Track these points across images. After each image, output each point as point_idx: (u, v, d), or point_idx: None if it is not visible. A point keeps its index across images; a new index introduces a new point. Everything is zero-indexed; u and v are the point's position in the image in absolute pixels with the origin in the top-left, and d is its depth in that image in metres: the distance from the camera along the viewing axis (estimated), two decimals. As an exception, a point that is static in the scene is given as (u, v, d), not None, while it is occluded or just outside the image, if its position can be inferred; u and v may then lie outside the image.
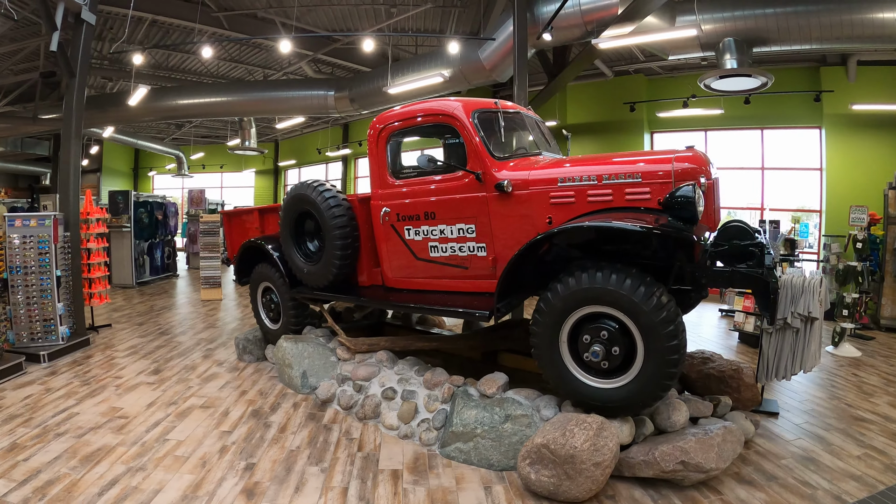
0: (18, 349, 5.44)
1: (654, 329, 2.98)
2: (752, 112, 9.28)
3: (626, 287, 3.02)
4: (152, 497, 2.96)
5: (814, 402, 4.63)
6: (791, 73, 9.05)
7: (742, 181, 10.06)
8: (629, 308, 3.04)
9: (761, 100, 9.09)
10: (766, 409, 4.31)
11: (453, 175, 3.98)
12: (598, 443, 2.91)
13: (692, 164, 3.29)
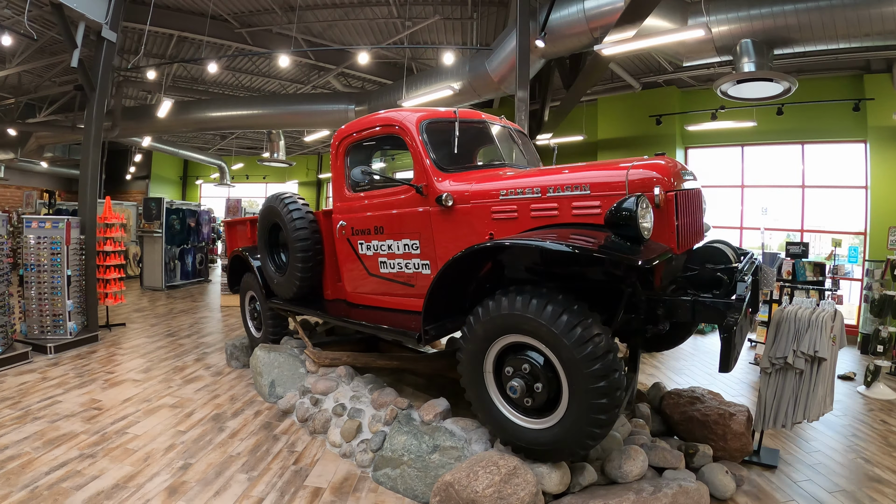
0: (29, 340, 6.20)
1: (577, 366, 2.71)
2: (790, 125, 8.94)
3: (545, 315, 2.77)
4: (88, 482, 3.37)
5: (825, 454, 4.16)
6: (832, 83, 8.66)
7: (781, 200, 9.66)
8: (549, 340, 2.80)
9: (799, 112, 8.76)
10: (761, 461, 3.90)
11: (399, 188, 4.04)
12: (503, 490, 2.71)
13: (654, 173, 2.97)
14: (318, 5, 8.80)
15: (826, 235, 9.08)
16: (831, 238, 8.73)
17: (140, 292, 11.92)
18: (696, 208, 3.39)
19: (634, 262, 2.51)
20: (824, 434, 4.54)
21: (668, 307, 3.06)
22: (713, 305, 2.93)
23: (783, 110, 8.65)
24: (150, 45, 9.93)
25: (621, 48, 6.01)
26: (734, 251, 3.78)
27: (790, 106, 8.80)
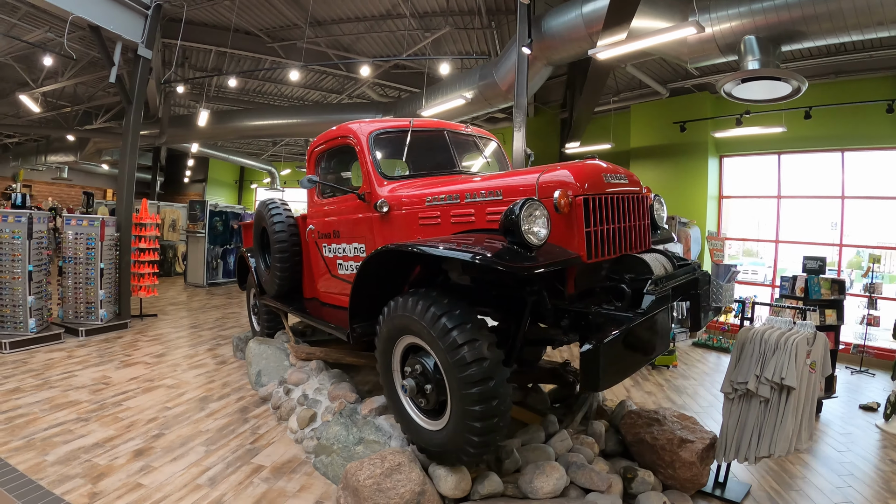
0: (63, 323, 7.32)
1: (452, 370, 2.82)
2: (827, 131, 8.70)
3: (426, 318, 2.91)
4: (75, 439, 4.14)
5: (805, 494, 3.87)
6: (869, 84, 8.36)
7: (820, 212, 9.38)
8: (430, 342, 2.94)
9: (836, 117, 8.52)
10: (723, 496, 3.71)
11: (349, 196, 4.46)
12: (383, 483, 2.93)
13: (564, 177, 3.04)
14: (343, 20, 9.60)
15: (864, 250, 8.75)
16: (868, 253, 8.45)
17: (183, 288, 13.22)
18: (633, 214, 3.34)
19: (504, 268, 2.61)
20: (815, 470, 4.31)
21: (571, 317, 3.05)
22: (610, 316, 2.85)
23: (811, 114, 8.47)
24: (192, 58, 11.17)
25: (615, 51, 6.15)
26: (673, 261, 3.54)
27: (827, 111, 8.61)
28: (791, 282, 6.52)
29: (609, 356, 2.59)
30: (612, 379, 2.74)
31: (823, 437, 5.07)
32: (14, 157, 20.01)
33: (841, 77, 8.54)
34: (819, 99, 8.59)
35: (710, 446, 3.69)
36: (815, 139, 9.02)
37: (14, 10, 7.97)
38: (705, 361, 8.00)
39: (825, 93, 8.68)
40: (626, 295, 2.96)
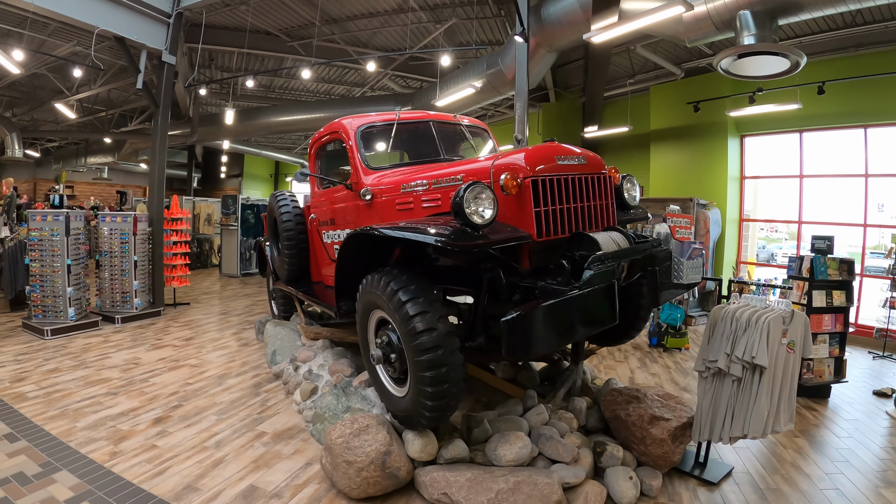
0: (101, 312, 8.03)
1: (407, 339, 3.08)
2: (850, 107, 8.47)
3: (386, 293, 3.21)
4: (102, 409, 4.69)
5: (790, 479, 3.85)
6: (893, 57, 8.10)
7: (843, 191, 9.16)
8: (391, 315, 3.21)
9: (858, 91, 8.29)
10: (700, 475, 3.77)
11: (340, 186, 4.88)
12: (351, 442, 3.27)
13: (515, 161, 3.23)
14: (356, 16, 9.97)
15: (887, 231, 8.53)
16: (892, 234, 8.25)
17: (218, 278, 14.00)
18: (592, 193, 3.47)
19: (442, 246, 2.88)
20: (808, 455, 4.26)
21: (521, 292, 3.22)
22: (550, 291, 2.98)
23: (830, 89, 8.29)
24: (218, 59, 11.80)
25: (609, 34, 6.26)
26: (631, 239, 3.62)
27: (848, 87, 8.41)
28: (798, 262, 6.41)
29: (528, 327, 2.74)
30: (541, 347, 2.86)
31: (826, 423, 4.99)
32: (56, 160, 21.51)
33: (861, 50, 8.32)
34: (840, 73, 8.39)
35: (686, 425, 3.78)
36: (837, 115, 8.80)
37: (45, 26, 8.64)
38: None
39: (846, 67, 8.47)
40: (566, 270, 3.12)
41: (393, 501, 3.38)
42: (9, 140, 14.31)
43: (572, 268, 3.13)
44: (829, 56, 8.72)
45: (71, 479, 3.48)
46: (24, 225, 8.30)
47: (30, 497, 3.23)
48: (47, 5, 6.65)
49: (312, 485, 3.55)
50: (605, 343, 4.95)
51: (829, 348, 5.82)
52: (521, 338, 2.75)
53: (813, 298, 5.82)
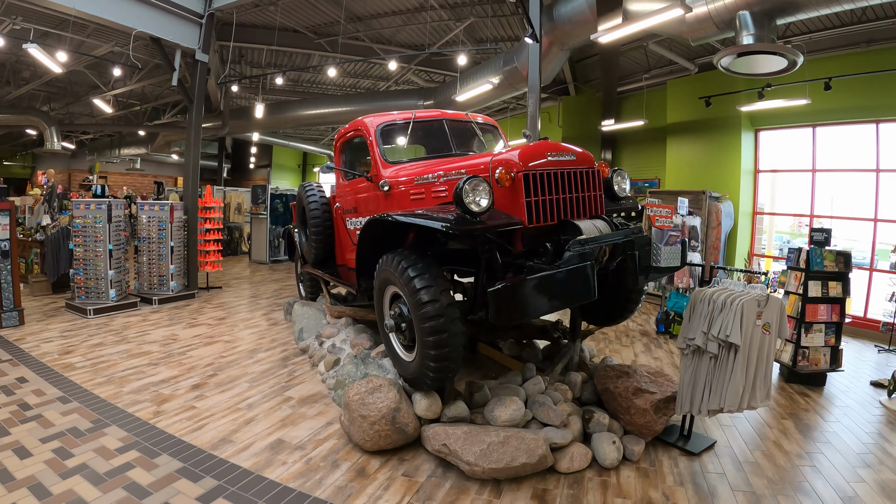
0: (140, 294, 8.68)
1: (414, 310, 3.56)
2: (863, 102, 8.57)
3: (398, 270, 3.68)
4: (146, 377, 5.26)
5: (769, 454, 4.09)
6: None
7: (855, 186, 9.27)
8: (402, 289, 3.67)
9: (870, 86, 8.39)
10: (684, 446, 4.09)
11: (361, 178, 5.40)
12: (366, 399, 3.77)
13: (516, 157, 3.65)
14: (380, 14, 10.40)
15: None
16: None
17: (248, 265, 14.68)
18: (580, 186, 3.87)
19: (445, 230, 3.30)
20: (792, 435, 4.48)
21: (514, 270, 3.63)
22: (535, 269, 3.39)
23: (841, 84, 8.40)
24: (248, 56, 12.38)
25: (615, 34, 6.57)
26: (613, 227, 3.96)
27: (861, 82, 8.51)
28: (797, 253, 6.60)
29: (511, 297, 3.20)
30: (519, 315, 3.30)
31: (816, 408, 5.17)
32: (90, 151, 22.60)
33: (872, 46, 8.42)
34: (851, 69, 8.50)
35: (670, 399, 4.11)
36: (849, 110, 8.89)
37: (84, 27, 9.23)
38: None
39: (857, 62, 8.57)
40: (548, 252, 3.55)
41: (402, 454, 3.85)
42: (48, 133, 15.14)
43: (555, 250, 3.55)
44: (841, 52, 8.82)
45: (120, 432, 4.03)
46: (66, 213, 9.02)
47: (84, 447, 3.78)
48: (88, 9, 7.23)
49: (332, 440, 4.04)
50: (601, 323, 5.36)
51: (826, 337, 6.00)
52: (504, 305, 3.21)
53: (808, 288, 6.03)
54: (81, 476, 3.37)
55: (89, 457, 3.63)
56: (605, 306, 5.09)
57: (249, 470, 3.55)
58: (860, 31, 8.31)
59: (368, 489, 3.38)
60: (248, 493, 3.27)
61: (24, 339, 6.39)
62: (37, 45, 7.24)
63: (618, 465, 3.81)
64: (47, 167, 21.17)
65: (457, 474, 3.59)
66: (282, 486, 3.37)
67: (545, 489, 3.47)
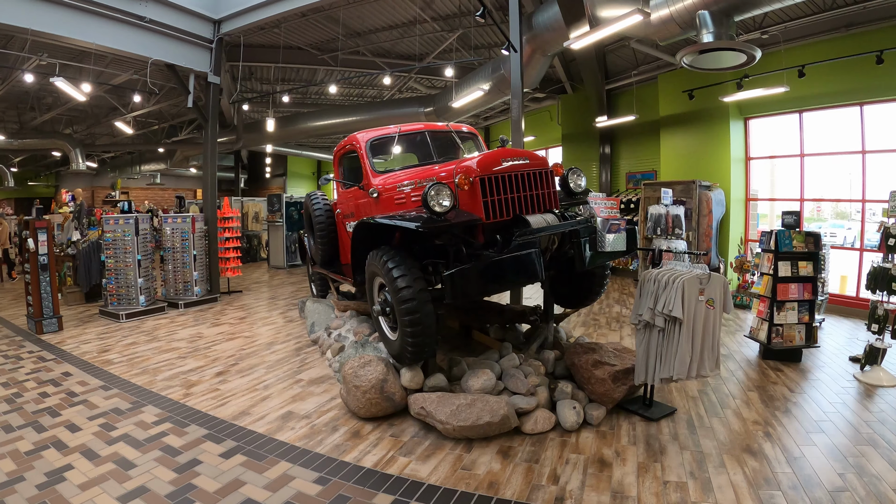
0: (166, 299, 9.57)
1: (392, 295, 4.21)
2: (846, 86, 8.86)
3: (379, 263, 4.36)
4: (175, 368, 6.07)
5: (725, 421, 4.47)
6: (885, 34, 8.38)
7: (841, 168, 9.62)
8: (383, 278, 4.33)
9: (854, 69, 8.71)
10: (644, 413, 4.55)
11: (355, 187, 6.13)
12: (358, 372, 4.50)
13: (474, 163, 4.28)
14: (378, 29, 11.17)
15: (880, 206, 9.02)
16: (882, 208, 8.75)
17: (266, 270, 15.56)
18: (534, 185, 4.46)
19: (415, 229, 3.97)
20: (752, 404, 4.85)
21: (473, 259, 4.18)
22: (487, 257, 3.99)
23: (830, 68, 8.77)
24: (257, 73, 13.28)
25: (585, 41, 7.13)
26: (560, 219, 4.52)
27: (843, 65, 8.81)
28: (768, 236, 6.96)
29: (460, 279, 3.87)
30: (471, 294, 3.97)
31: (787, 381, 5.49)
32: (111, 168, 23.97)
33: (853, 30, 8.76)
34: (833, 54, 8.83)
35: (629, 370, 4.60)
36: (833, 94, 9.18)
37: (103, 58, 10.07)
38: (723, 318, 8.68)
39: (838, 47, 8.87)
40: (499, 243, 4.19)
41: (392, 420, 4.57)
42: (73, 155, 16.25)
43: (506, 240, 4.18)
44: (821, 38, 9.18)
45: (155, 410, 4.84)
46: (94, 228, 9.95)
47: (125, 421, 4.58)
48: (108, 43, 8.12)
49: (333, 411, 4.78)
50: (572, 305, 6.05)
51: (799, 315, 6.34)
52: (457, 287, 3.89)
53: (778, 268, 6.41)
54: (124, 443, 4.16)
55: (130, 429, 4.43)
56: (571, 290, 5.73)
57: (263, 434, 4.30)
58: (839, 16, 8.61)
59: (360, 446, 4.09)
60: (262, 450, 4.01)
61: (64, 342, 7.28)
62: (63, 77, 8.14)
63: (578, 427, 4.33)
64: (71, 186, 22.63)
65: (436, 435, 4.26)
66: (289, 444, 4.11)
67: (510, 446, 4.05)
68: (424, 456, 3.94)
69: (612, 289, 11.42)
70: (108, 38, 7.93)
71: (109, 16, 7.95)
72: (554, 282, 5.94)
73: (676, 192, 10.53)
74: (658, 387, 4.92)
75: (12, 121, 15.62)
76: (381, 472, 3.68)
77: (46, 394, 5.28)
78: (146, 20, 8.31)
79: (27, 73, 8.72)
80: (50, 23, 7.29)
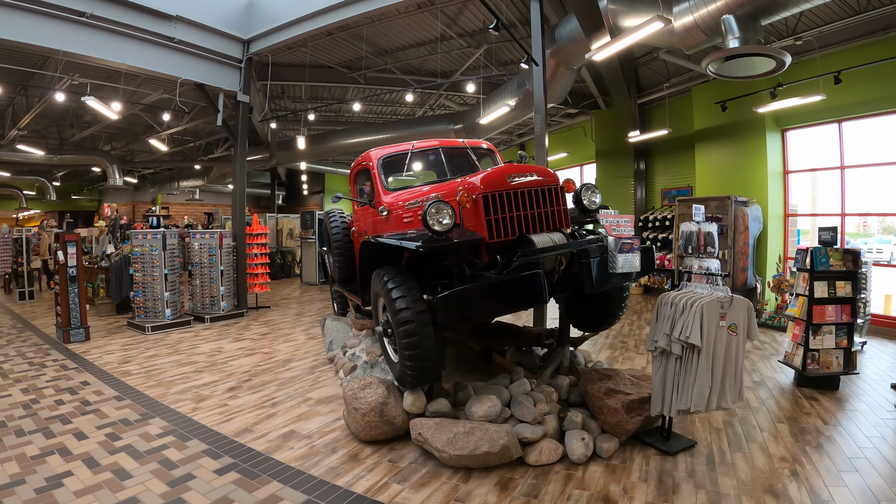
0: (193, 313, 9.75)
1: (392, 317, 4.06)
2: (885, 92, 8.42)
3: (381, 284, 4.25)
4: (190, 382, 6.13)
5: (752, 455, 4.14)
6: None
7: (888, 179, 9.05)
8: (384, 298, 4.19)
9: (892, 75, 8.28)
10: (661, 446, 4.24)
11: (367, 205, 6.11)
12: (358, 394, 4.39)
13: (478, 180, 4.15)
14: (405, 46, 11.27)
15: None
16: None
17: (298, 286, 15.76)
18: (542, 202, 4.30)
19: (411, 248, 3.90)
20: (781, 438, 4.49)
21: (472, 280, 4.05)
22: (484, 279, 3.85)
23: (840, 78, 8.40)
24: (289, 91, 13.58)
25: (607, 51, 6.92)
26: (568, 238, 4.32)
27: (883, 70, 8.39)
28: (803, 254, 6.54)
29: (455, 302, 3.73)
30: (465, 318, 3.84)
31: (821, 412, 5.11)
32: (151, 184, 24.95)
33: (891, 32, 8.27)
34: (870, 59, 8.39)
35: (645, 400, 4.29)
36: (874, 102, 8.71)
37: (135, 77, 10.46)
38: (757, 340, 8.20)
39: (876, 51, 8.45)
40: (499, 263, 4.00)
41: (393, 445, 4.44)
42: (110, 171, 16.93)
43: (505, 261, 4.01)
44: (857, 43, 8.73)
45: (161, 422, 4.87)
46: (128, 242, 10.29)
47: (131, 432, 4.63)
48: (137, 63, 8.44)
49: (335, 432, 4.69)
50: (590, 328, 5.83)
51: (836, 339, 5.89)
52: (450, 309, 3.75)
53: (814, 289, 5.97)
54: (125, 453, 4.20)
55: (134, 440, 4.47)
56: (588, 312, 5.52)
57: (261, 452, 4.26)
58: (875, 18, 8.18)
59: (355, 470, 3.99)
60: (257, 469, 3.96)
61: (88, 352, 7.49)
62: (94, 97, 8.49)
63: (586, 460, 4.07)
64: (112, 200, 23.71)
65: (435, 463, 4.09)
66: (284, 464, 4.05)
67: (510, 478, 3.85)
68: (419, 484, 3.80)
69: (645, 309, 11.07)
70: (137, 59, 8.26)
71: (139, 37, 8.29)
72: (570, 304, 5.75)
73: (711, 208, 10.14)
74: (678, 418, 4.60)
75: (53, 137, 16.40)
76: (370, 499, 3.56)
77: (62, 401, 5.43)
78: (175, 41, 8.61)
79: (59, 93, 9.12)
80: (81, 44, 7.63)
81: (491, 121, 10.95)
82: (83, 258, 10.89)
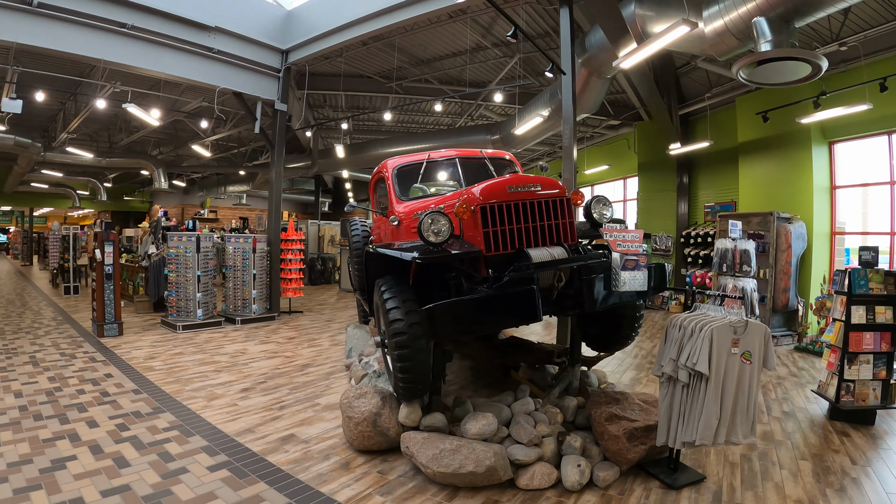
0: (225, 314, 10.05)
1: (386, 328, 4.04)
2: None
3: (378, 293, 4.24)
4: (207, 381, 6.32)
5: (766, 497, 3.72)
6: None
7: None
8: (380, 309, 4.16)
9: None
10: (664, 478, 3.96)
11: (381, 215, 6.17)
12: (353, 402, 4.41)
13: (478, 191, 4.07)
14: (442, 56, 11.35)
15: None
16: None
17: (336, 292, 16.03)
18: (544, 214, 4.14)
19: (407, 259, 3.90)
20: (803, 476, 4.11)
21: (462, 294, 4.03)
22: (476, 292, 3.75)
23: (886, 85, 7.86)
24: (330, 100, 13.91)
25: (634, 58, 6.74)
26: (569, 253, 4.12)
27: None
28: (841, 276, 6.13)
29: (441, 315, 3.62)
30: (454, 332, 3.80)
31: (851, 449, 4.70)
32: (200, 188, 26.02)
33: None
34: None
35: (652, 428, 4.04)
36: None
37: (176, 86, 10.94)
38: (790, 364, 7.81)
39: None
40: (490, 277, 3.87)
41: (386, 456, 4.42)
42: (156, 174, 17.77)
43: (497, 275, 3.88)
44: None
45: (170, 417, 5.04)
46: (167, 243, 10.77)
47: (139, 424, 4.82)
48: (176, 72, 8.84)
49: (333, 439, 4.72)
50: (601, 349, 5.69)
51: (874, 370, 5.46)
52: (436, 322, 3.65)
53: (851, 314, 5.53)
54: (130, 443, 4.39)
55: (140, 431, 4.66)
56: (601, 331, 5.35)
57: (256, 453, 4.33)
58: None
59: (342, 478, 3.99)
60: (248, 468, 4.03)
61: (119, 346, 7.86)
62: (134, 104, 8.95)
63: (580, 488, 3.85)
64: (163, 203, 25.07)
65: (423, 478, 4.02)
66: (275, 466, 4.10)
67: (497, 500, 3.71)
68: (402, 498, 3.75)
69: (679, 327, 10.64)
70: (176, 68, 8.66)
71: (178, 47, 8.69)
72: (582, 322, 5.60)
73: (752, 224, 9.71)
74: (690, 449, 4.31)
75: (104, 140, 17.29)
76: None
77: (83, 391, 5.73)
78: (214, 51, 8.97)
79: (101, 100, 9.63)
80: (122, 54, 8.06)
81: (525, 131, 10.86)
82: (125, 257, 11.50)
